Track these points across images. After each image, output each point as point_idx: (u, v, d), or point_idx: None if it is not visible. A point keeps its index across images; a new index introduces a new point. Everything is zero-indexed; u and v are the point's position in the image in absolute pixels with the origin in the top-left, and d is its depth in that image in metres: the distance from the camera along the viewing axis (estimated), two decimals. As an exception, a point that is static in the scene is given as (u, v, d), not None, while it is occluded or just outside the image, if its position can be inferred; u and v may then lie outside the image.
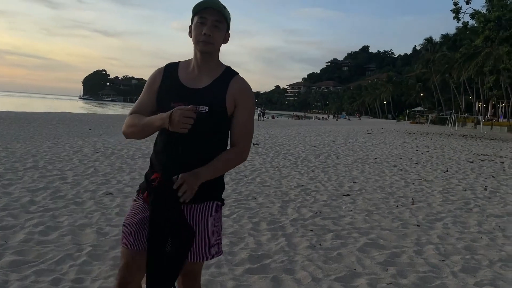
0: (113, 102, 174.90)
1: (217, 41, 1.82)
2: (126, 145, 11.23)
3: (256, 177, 7.26)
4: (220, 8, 1.79)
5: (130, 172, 6.99)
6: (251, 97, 1.90)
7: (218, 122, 1.83)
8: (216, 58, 1.89)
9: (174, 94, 1.83)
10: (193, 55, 1.88)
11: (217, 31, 1.80)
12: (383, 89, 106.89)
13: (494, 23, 24.56)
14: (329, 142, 16.13)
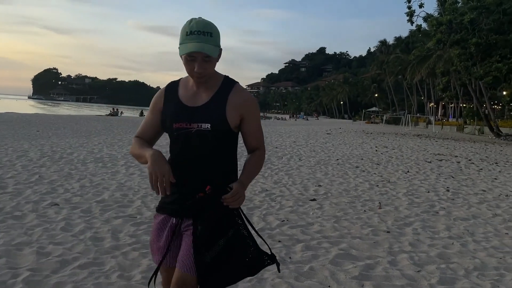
0: (66, 101, 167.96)
1: (210, 70, 1.82)
2: (77, 148, 10.51)
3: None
4: (209, 51, 1.75)
5: (79, 179, 6.41)
6: (255, 104, 1.93)
7: (222, 136, 1.84)
8: (213, 74, 1.88)
9: (175, 115, 1.85)
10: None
11: (208, 64, 1.79)
12: (339, 90, 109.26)
13: (446, 26, 25.41)
14: (290, 143, 15.99)
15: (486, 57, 25.64)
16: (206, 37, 1.75)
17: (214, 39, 1.78)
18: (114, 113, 40.94)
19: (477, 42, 24.23)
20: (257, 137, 1.96)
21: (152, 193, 5.75)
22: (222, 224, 1.79)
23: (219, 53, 1.82)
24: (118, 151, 10.39)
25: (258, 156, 1.98)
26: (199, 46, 1.73)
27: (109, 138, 14.55)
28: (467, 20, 24.16)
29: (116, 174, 7.01)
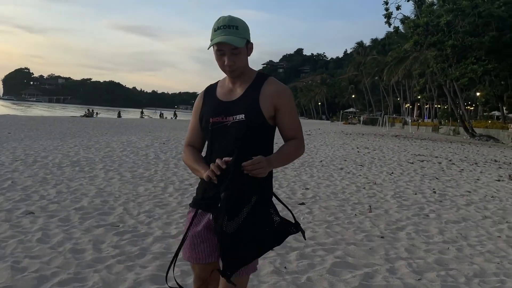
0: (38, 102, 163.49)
1: (240, 64, 1.87)
2: (52, 151, 10.06)
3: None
4: (236, 43, 1.82)
5: (55, 185, 6.05)
6: (288, 95, 1.93)
7: (258, 128, 1.87)
8: (246, 69, 1.93)
9: (212, 110, 1.92)
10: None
11: (237, 57, 1.85)
12: (317, 91, 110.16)
13: (423, 28, 25.81)
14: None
15: (462, 59, 26.16)
16: (232, 30, 1.82)
17: (240, 32, 1.84)
18: (89, 114, 39.98)
19: (453, 44, 24.68)
20: (293, 128, 1.94)
21: (133, 199, 5.47)
22: (244, 191, 1.73)
23: (248, 46, 1.89)
24: (96, 154, 10.00)
25: (293, 144, 1.94)
26: (224, 38, 1.81)
27: (85, 140, 14.07)
28: (444, 23, 24.59)
29: (94, 179, 6.68)
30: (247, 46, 1.89)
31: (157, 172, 7.76)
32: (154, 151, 11.26)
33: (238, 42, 1.82)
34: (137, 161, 8.98)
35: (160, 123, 34.31)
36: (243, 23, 1.88)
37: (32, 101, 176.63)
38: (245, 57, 1.90)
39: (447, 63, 26.96)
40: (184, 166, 8.66)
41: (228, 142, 1.85)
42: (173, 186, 6.45)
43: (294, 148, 1.95)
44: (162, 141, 14.80)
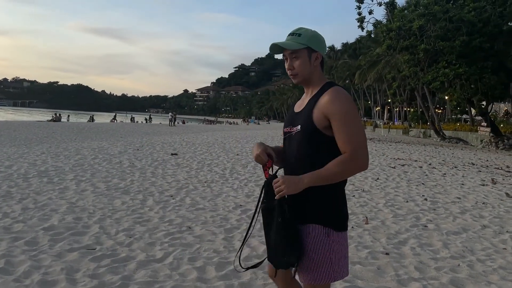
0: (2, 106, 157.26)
1: (300, 70, 1.93)
2: (16, 159, 9.31)
3: (185, 197, 6.17)
4: (289, 46, 1.90)
5: (21, 199, 5.44)
6: (339, 104, 1.84)
7: (311, 138, 1.88)
8: (313, 79, 1.97)
9: (286, 120, 2.09)
10: None
11: (296, 62, 1.93)
12: (289, 94, 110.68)
13: (395, 32, 26.08)
14: (250, 149, 15.43)
15: (433, 63, 26.60)
16: (293, 37, 1.92)
17: (301, 38, 1.91)
18: (56, 119, 38.45)
19: (425, 48, 25.02)
20: (343, 140, 1.85)
21: (110, 215, 4.94)
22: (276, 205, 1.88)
23: (313, 55, 1.92)
24: (65, 162, 9.33)
25: (339, 159, 1.84)
26: (279, 42, 1.92)
27: (53, 146, 13.27)
28: (416, 27, 24.90)
29: (65, 191, 6.09)
30: (311, 54, 1.92)
31: (133, 182, 7.22)
32: (128, 158, 10.65)
33: (290, 45, 1.90)
34: (111, 170, 8.39)
35: (131, 127, 33.33)
36: (311, 33, 1.94)
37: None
38: (307, 64, 1.93)
39: (419, 67, 27.35)
40: (163, 175, 8.14)
41: (292, 152, 1.95)
42: (152, 198, 5.95)
43: (337, 164, 1.82)
44: (136, 147, 14.14)
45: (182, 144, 16.20)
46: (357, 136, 1.83)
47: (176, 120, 45.86)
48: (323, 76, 1.99)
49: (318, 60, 1.94)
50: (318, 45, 1.94)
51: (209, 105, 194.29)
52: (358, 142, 1.83)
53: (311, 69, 1.94)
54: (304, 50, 1.91)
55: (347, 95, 1.89)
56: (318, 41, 1.94)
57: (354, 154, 1.81)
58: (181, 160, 10.86)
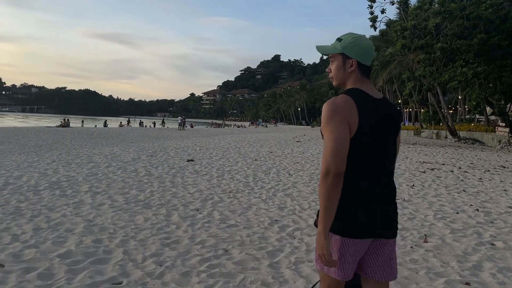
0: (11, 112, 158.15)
1: (335, 74, 1.98)
2: (26, 169, 8.77)
3: (212, 211, 5.55)
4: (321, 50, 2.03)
5: (32, 217, 4.85)
6: (323, 113, 1.86)
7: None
8: (347, 85, 1.97)
9: None
10: None
11: (333, 65, 1.99)
12: (297, 96, 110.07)
13: (410, 31, 25.34)
14: (267, 153, 14.81)
15: (449, 62, 25.82)
16: (335, 42, 1.98)
17: (339, 44, 1.95)
18: (65, 124, 38.09)
19: (442, 46, 24.27)
20: (323, 150, 1.83)
21: (133, 235, 4.33)
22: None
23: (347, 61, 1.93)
24: (78, 171, 8.76)
25: (319, 181, 1.79)
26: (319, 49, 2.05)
27: (64, 153, 12.74)
28: (432, 25, 24.16)
29: (80, 206, 5.50)
30: (346, 60, 1.94)
31: (153, 193, 6.62)
32: (143, 165, 10.07)
33: (323, 49, 2.01)
34: (127, 179, 7.81)
35: (140, 132, 32.84)
36: (351, 39, 1.93)
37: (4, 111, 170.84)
38: (340, 69, 1.96)
39: (435, 66, 26.57)
40: (183, 184, 7.55)
41: None
42: (177, 213, 5.34)
43: (319, 186, 1.79)
44: (149, 153, 13.58)
45: (196, 149, 15.62)
46: (328, 150, 1.77)
47: (185, 124, 45.34)
48: (356, 84, 1.94)
49: (353, 67, 1.94)
50: (355, 52, 1.93)
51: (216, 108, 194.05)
52: (326, 155, 1.76)
53: (345, 74, 1.96)
54: (339, 56, 1.95)
55: (332, 102, 1.84)
56: (356, 48, 1.93)
57: (323, 171, 1.75)
58: (198, 166, 10.26)
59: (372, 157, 1.86)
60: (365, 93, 1.91)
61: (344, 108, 1.82)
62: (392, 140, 1.96)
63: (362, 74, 1.94)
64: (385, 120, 1.93)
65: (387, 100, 2.01)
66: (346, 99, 1.85)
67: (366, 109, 1.85)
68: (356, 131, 1.82)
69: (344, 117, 1.81)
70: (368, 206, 1.83)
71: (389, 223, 1.92)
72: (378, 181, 1.87)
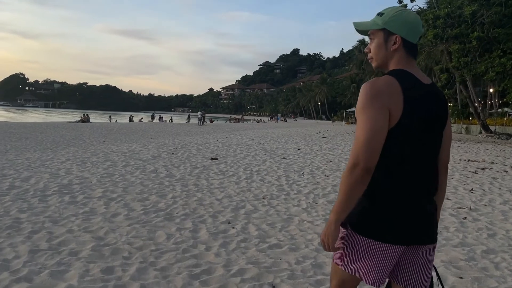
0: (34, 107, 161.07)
1: (373, 54, 1.73)
2: (37, 168, 8.01)
3: (247, 224, 4.61)
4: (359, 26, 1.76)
5: (31, 233, 3.98)
6: (360, 96, 1.58)
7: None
8: (390, 66, 1.70)
9: None
10: None
11: (371, 44, 1.74)
12: (317, 91, 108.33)
13: (444, 20, 23.85)
14: (294, 150, 13.82)
15: (485, 52, 24.26)
16: (376, 17, 1.72)
17: (381, 18, 1.69)
18: (85, 119, 37.83)
19: (478, 36, 22.73)
20: (354, 139, 1.58)
21: (153, 260, 3.43)
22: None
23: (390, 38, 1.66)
24: (92, 171, 7.96)
25: (344, 171, 1.57)
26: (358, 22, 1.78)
27: (80, 150, 12.02)
28: (468, 13, 22.64)
29: (90, 218, 4.63)
30: (388, 37, 1.67)
31: (175, 199, 5.72)
32: (164, 164, 9.21)
33: (360, 25, 1.75)
34: (146, 182, 6.95)
35: (160, 127, 32.23)
36: (394, 13, 1.67)
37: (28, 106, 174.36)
38: (381, 48, 1.69)
39: (469, 57, 25.01)
40: (208, 187, 6.64)
41: None
42: (205, 227, 4.42)
43: (342, 181, 1.57)
44: (170, 150, 12.76)
45: (218, 146, 14.74)
46: (360, 141, 1.53)
47: (205, 119, 44.64)
48: (401, 64, 1.65)
49: (396, 44, 1.65)
50: (399, 27, 1.64)
51: (234, 103, 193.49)
52: (357, 145, 1.53)
53: (387, 53, 1.67)
54: (380, 32, 1.68)
55: (373, 84, 1.56)
56: (400, 22, 1.65)
57: (351, 162, 1.53)
58: (223, 166, 9.35)
59: (414, 149, 1.61)
60: (412, 76, 1.63)
61: (386, 92, 1.56)
62: (440, 131, 1.70)
63: (407, 53, 1.66)
64: (434, 108, 1.65)
65: (435, 85, 1.72)
66: (390, 80, 1.59)
67: (413, 94, 1.58)
68: (400, 119, 1.55)
69: (385, 103, 1.55)
70: (407, 207, 1.60)
71: (428, 227, 1.66)
72: (419, 177, 1.62)
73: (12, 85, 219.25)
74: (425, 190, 1.64)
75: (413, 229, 1.61)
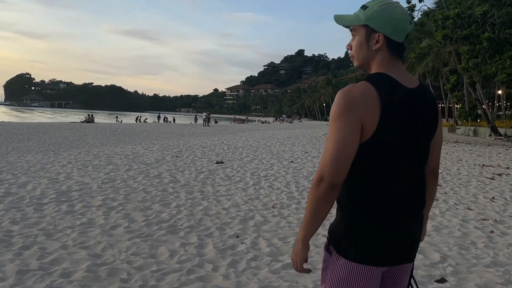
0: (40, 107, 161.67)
1: (355, 51, 1.53)
2: (37, 173, 7.69)
3: (257, 239, 4.24)
4: (339, 21, 1.55)
5: (21, 249, 3.62)
6: (333, 105, 1.41)
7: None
8: (372, 68, 1.50)
9: None
10: None
11: (353, 41, 1.54)
12: (322, 92, 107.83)
13: (454, 20, 23.39)
14: (302, 153, 13.44)
15: (495, 54, 23.77)
16: (359, 10, 1.51)
17: (364, 12, 1.47)
18: (89, 120, 37.63)
19: (489, 37, 22.25)
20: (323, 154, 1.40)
21: (155, 284, 3.07)
22: None
23: (372, 35, 1.46)
24: (93, 176, 7.63)
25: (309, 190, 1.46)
26: (338, 15, 1.57)
27: (83, 153, 11.72)
28: (479, 13, 22.17)
29: (88, 230, 4.29)
30: (370, 34, 1.47)
31: (180, 209, 5.37)
32: (168, 168, 8.87)
33: (341, 19, 1.54)
34: (149, 189, 6.60)
35: (164, 128, 31.94)
36: (378, 7, 1.44)
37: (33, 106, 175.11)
38: (363, 46, 1.49)
39: (479, 58, 24.52)
40: (214, 194, 6.29)
41: None
42: (212, 242, 4.06)
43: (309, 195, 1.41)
44: (174, 152, 12.43)
45: (224, 148, 14.39)
46: (326, 150, 1.38)
47: (210, 120, 44.34)
48: (383, 66, 1.46)
49: (379, 43, 1.45)
50: (383, 24, 1.44)
51: (239, 103, 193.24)
52: (324, 159, 1.36)
53: (369, 53, 1.48)
54: (362, 29, 1.48)
55: (347, 93, 1.38)
56: (384, 19, 1.44)
57: (316, 176, 1.37)
58: (229, 170, 9.00)
59: (393, 164, 1.42)
60: (393, 81, 1.42)
61: (360, 103, 1.36)
62: (427, 138, 1.50)
63: (391, 53, 1.47)
64: (419, 118, 1.45)
65: (424, 88, 1.53)
66: (366, 88, 1.39)
67: (392, 103, 1.38)
68: (374, 132, 1.37)
69: (358, 116, 1.36)
70: (388, 226, 1.42)
71: (412, 246, 1.49)
72: (402, 194, 1.43)
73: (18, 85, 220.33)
74: (410, 207, 1.48)
75: (402, 249, 1.48)
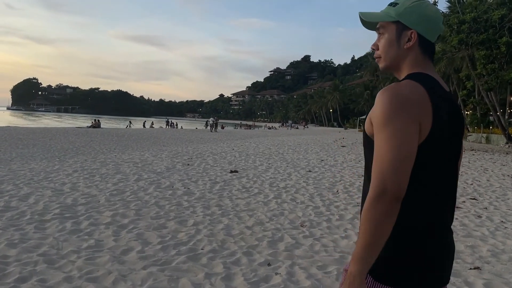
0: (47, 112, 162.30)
1: (381, 51, 1.38)
2: (41, 182, 7.13)
3: (293, 268, 3.62)
4: (368, 17, 1.40)
5: (18, 282, 3.03)
6: (379, 105, 1.21)
7: (366, 146, 1.35)
8: (403, 68, 1.35)
9: None
10: None
11: (379, 39, 1.39)
12: (329, 97, 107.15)
13: (470, 25, 22.75)
14: (317, 161, 12.82)
15: (512, 59, 23.08)
16: (388, 7, 1.38)
17: (395, 9, 1.34)
18: (96, 125, 37.23)
19: (507, 41, 21.58)
20: (375, 160, 1.20)
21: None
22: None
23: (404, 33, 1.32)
24: (101, 186, 7.07)
25: (365, 204, 1.19)
26: (363, 15, 1.40)
27: (89, 160, 11.18)
28: (497, 17, 21.52)
29: (96, 255, 3.70)
30: (402, 32, 1.32)
31: (198, 227, 4.77)
32: (180, 178, 8.29)
33: (369, 15, 1.39)
34: (162, 202, 6.02)
35: (172, 133, 31.44)
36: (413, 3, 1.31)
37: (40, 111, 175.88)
38: (393, 45, 1.34)
39: (497, 64, 23.84)
40: (234, 209, 5.69)
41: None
42: (241, 272, 3.45)
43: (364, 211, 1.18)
44: (184, 160, 11.86)
45: (236, 156, 13.80)
46: (382, 159, 1.16)
47: (217, 125, 43.80)
48: (417, 66, 1.31)
49: (411, 41, 1.31)
50: (416, 21, 1.30)
51: (245, 109, 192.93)
52: (382, 168, 1.15)
53: (399, 52, 1.33)
54: (393, 26, 1.34)
55: (397, 91, 1.20)
56: (418, 15, 1.30)
57: (375, 191, 1.15)
58: (246, 180, 8.40)
59: (443, 171, 1.27)
60: (435, 81, 1.30)
61: (415, 102, 1.20)
62: (460, 146, 1.36)
63: (423, 54, 1.32)
64: (459, 122, 1.32)
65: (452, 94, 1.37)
66: (416, 87, 1.23)
67: (440, 104, 1.25)
68: (429, 134, 1.21)
69: (416, 115, 1.19)
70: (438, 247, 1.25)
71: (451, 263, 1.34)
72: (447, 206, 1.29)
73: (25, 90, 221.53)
74: (450, 220, 1.33)
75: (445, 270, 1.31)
